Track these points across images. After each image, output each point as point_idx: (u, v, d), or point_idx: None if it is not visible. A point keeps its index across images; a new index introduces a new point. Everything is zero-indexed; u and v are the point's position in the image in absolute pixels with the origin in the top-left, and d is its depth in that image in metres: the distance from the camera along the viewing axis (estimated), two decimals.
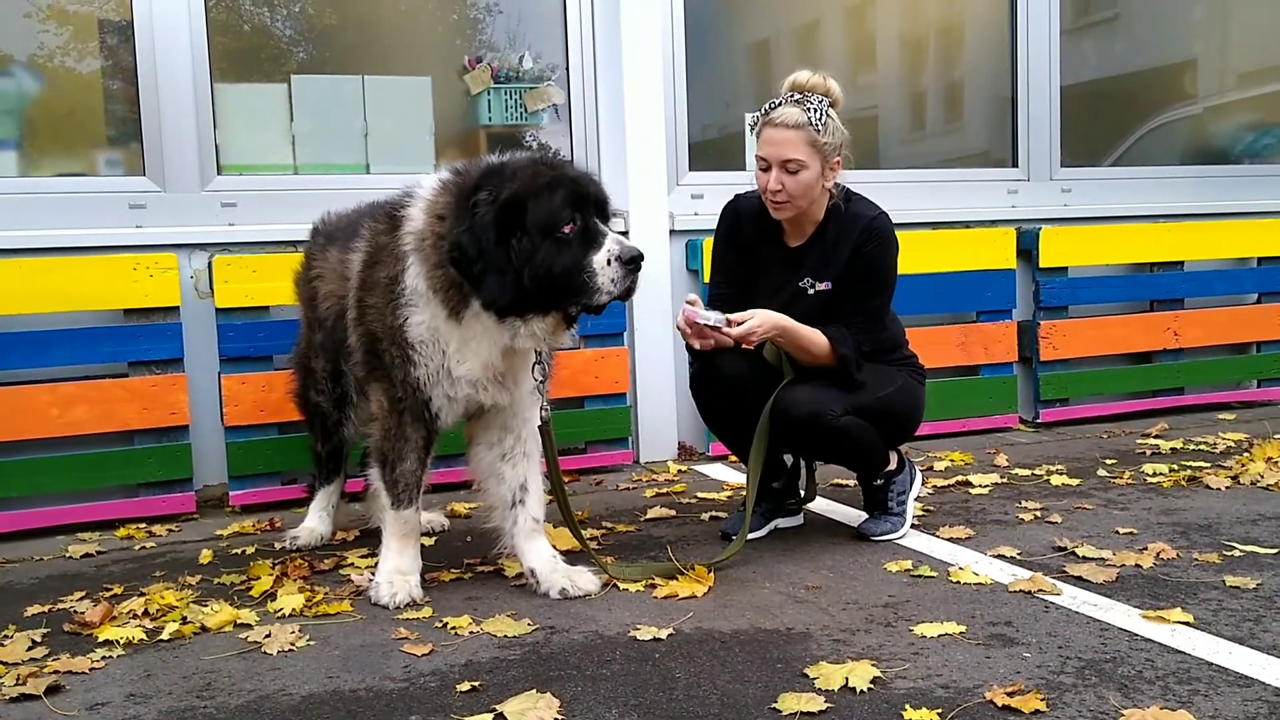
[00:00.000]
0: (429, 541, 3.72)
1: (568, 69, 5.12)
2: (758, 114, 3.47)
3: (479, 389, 3.11)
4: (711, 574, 3.20)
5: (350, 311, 3.24)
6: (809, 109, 3.35)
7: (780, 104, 3.39)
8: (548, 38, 5.14)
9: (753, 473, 3.48)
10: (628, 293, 2.92)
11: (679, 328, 3.34)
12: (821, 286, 3.49)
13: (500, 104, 5.10)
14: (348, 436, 3.78)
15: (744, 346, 3.38)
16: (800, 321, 3.45)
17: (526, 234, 2.84)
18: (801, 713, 2.31)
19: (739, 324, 3.26)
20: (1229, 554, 3.34)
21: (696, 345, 3.36)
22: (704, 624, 2.87)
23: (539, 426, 3.23)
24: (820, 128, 3.34)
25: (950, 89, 6.23)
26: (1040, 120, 5.92)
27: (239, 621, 2.99)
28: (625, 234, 3.21)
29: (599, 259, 2.85)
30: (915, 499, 3.76)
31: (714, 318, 3.26)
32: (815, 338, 3.40)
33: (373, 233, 3.18)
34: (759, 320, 3.29)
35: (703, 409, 3.66)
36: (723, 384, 3.49)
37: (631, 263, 2.86)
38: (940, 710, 2.29)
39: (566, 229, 2.87)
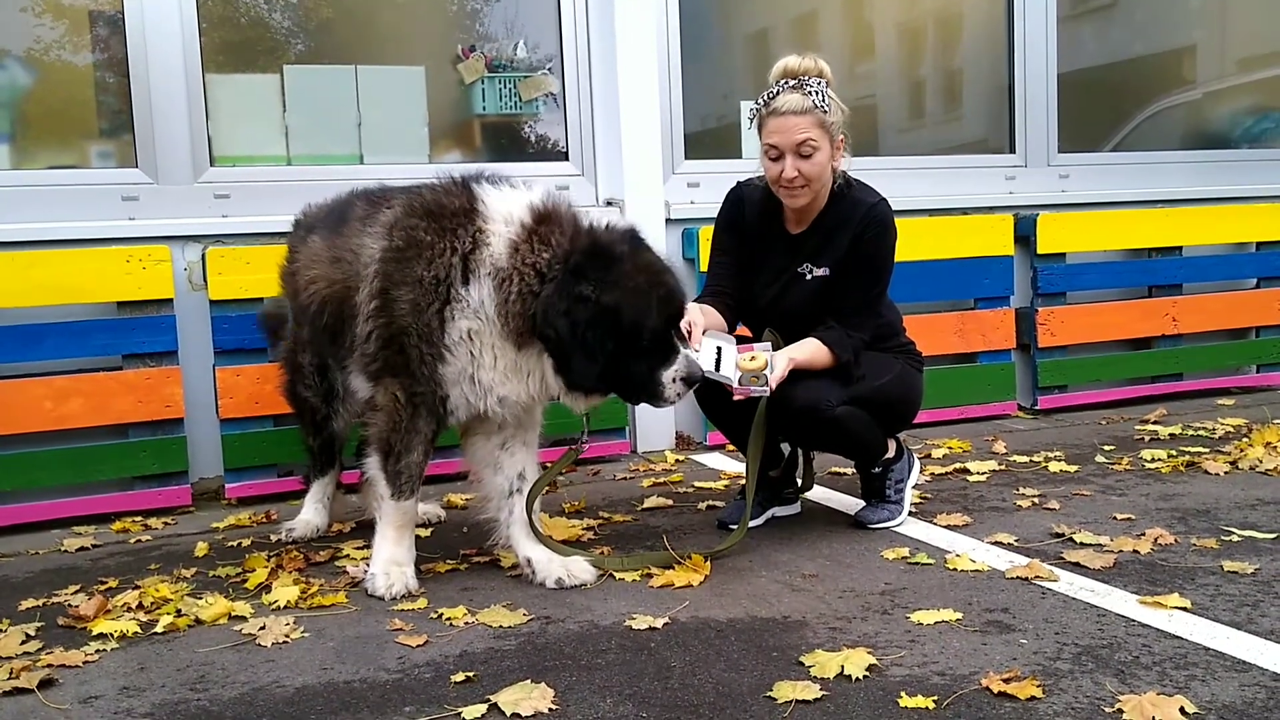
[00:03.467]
0: (424, 532, 3.71)
1: (562, 58, 5.09)
2: (756, 107, 3.43)
3: (506, 407, 3.14)
4: (708, 563, 3.19)
5: (367, 302, 3.09)
6: (810, 92, 3.33)
7: (780, 92, 3.36)
8: (542, 27, 5.11)
9: (751, 464, 3.46)
10: (678, 398, 3.12)
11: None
12: (819, 272, 3.47)
13: (495, 93, 5.07)
14: (338, 430, 3.75)
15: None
16: (797, 307, 3.46)
17: (614, 339, 2.96)
18: (797, 701, 2.30)
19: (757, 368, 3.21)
20: (1227, 539, 3.33)
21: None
22: (700, 613, 2.86)
23: (570, 447, 3.35)
24: (826, 108, 3.34)
25: (948, 77, 6.21)
26: (1038, 106, 5.91)
27: (234, 614, 2.98)
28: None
29: (668, 375, 3.03)
30: (913, 487, 3.75)
31: (728, 375, 3.20)
32: (821, 356, 3.37)
33: (405, 226, 3.05)
34: (779, 373, 3.25)
35: (701, 398, 3.64)
36: None
37: (693, 383, 3.07)
38: (936, 697, 2.29)
39: (647, 341, 3.01)
